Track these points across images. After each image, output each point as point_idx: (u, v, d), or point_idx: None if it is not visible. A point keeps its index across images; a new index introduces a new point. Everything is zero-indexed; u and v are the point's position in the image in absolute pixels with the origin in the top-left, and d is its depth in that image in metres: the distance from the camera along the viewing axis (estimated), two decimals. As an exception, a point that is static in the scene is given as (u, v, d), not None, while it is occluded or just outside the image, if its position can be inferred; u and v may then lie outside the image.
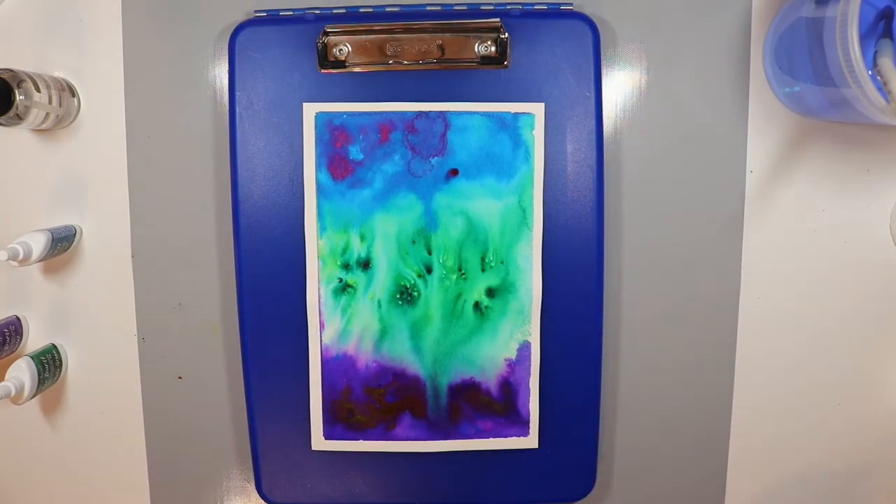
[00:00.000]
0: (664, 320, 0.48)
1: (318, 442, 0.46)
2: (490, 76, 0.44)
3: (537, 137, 0.44)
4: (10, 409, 0.47)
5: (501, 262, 0.45)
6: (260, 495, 0.48)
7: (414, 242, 0.44)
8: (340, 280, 0.45)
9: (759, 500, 0.50)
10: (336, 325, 0.45)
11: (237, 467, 0.50)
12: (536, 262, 0.45)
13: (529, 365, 0.45)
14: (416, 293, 0.45)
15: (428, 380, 0.45)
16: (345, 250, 0.44)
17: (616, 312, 0.48)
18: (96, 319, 0.49)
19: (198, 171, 0.47)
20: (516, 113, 0.44)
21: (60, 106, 0.44)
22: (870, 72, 0.37)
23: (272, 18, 0.44)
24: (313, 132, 0.44)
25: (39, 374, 0.45)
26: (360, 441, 0.46)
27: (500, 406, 0.46)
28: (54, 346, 0.48)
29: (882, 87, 0.36)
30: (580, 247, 0.45)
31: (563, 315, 0.46)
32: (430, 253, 0.44)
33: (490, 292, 0.45)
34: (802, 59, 0.42)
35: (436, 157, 0.44)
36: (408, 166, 0.44)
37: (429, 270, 0.45)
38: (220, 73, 0.46)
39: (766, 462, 0.50)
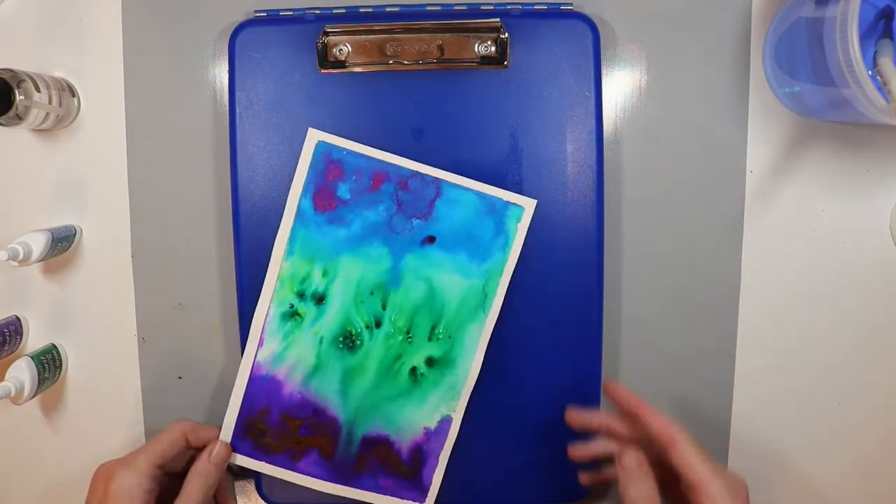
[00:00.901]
0: (665, 319, 0.48)
1: None
2: (490, 76, 0.44)
3: (520, 231, 0.44)
4: (10, 409, 0.47)
5: (449, 337, 0.45)
6: (260, 495, 0.48)
7: (372, 294, 0.45)
8: (291, 306, 0.45)
9: (759, 500, 0.50)
10: (274, 346, 0.45)
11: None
12: (482, 346, 0.45)
13: (445, 439, 0.46)
14: (359, 342, 0.45)
15: (345, 425, 0.46)
16: (304, 280, 0.45)
17: (616, 312, 0.48)
18: (96, 319, 0.49)
19: (198, 171, 0.47)
20: (508, 202, 0.44)
21: (60, 106, 0.44)
22: (870, 72, 0.37)
23: (272, 18, 0.44)
24: (310, 158, 0.44)
25: (39, 374, 0.45)
26: (263, 463, 0.46)
27: (406, 469, 0.46)
28: (54, 346, 0.48)
29: (882, 87, 0.36)
30: (580, 247, 0.45)
31: (561, 323, 0.46)
32: (384, 308, 0.45)
33: (430, 362, 0.45)
34: (802, 59, 0.42)
35: (418, 220, 0.44)
36: (390, 220, 0.44)
37: (378, 324, 0.45)
38: (220, 73, 0.46)
39: (766, 464, 0.50)
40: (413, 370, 0.45)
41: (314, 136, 0.44)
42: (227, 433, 0.46)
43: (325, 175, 0.44)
